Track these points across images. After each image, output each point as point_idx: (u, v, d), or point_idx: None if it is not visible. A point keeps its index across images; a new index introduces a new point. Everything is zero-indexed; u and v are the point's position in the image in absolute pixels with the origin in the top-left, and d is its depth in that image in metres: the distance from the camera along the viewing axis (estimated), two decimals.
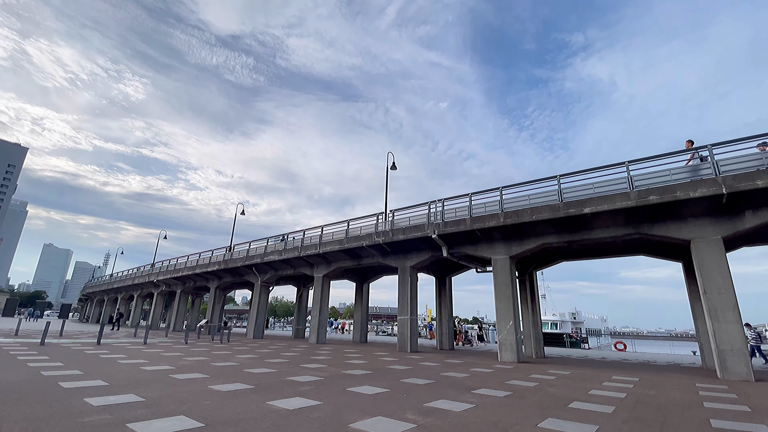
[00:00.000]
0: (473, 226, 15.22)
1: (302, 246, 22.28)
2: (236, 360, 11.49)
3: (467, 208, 15.96)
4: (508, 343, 14.39)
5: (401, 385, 7.85)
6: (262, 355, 13.21)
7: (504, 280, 15.09)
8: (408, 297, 18.01)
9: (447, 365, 12.14)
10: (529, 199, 14.62)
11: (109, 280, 48.25)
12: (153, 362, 10.16)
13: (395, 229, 17.86)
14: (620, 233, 13.41)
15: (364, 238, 19.05)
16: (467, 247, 16.46)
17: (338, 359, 12.86)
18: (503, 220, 14.53)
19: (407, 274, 18.34)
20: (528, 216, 13.99)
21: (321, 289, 22.15)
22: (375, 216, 19.46)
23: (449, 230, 15.88)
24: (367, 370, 10.01)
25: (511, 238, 15.24)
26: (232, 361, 11.24)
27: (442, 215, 16.51)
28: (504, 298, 14.89)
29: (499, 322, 14.80)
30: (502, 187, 15.35)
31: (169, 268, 34.42)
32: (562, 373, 11.03)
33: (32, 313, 61.67)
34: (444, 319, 21.01)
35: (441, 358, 14.61)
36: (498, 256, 15.49)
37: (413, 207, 18.11)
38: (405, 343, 17.48)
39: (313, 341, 21.52)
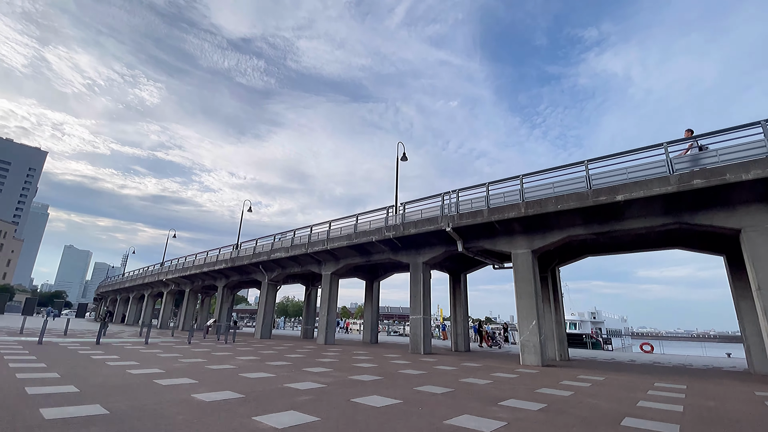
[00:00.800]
0: (491, 217, 14.05)
1: (309, 242, 21.37)
2: (235, 363, 10.59)
3: (484, 198, 14.79)
4: (531, 344, 13.18)
5: (415, 394, 6.79)
6: (263, 357, 12.29)
7: (525, 277, 13.87)
8: (420, 295, 16.92)
9: (465, 370, 11.02)
10: (554, 188, 13.38)
11: (121, 279, 48.34)
12: (144, 365, 9.32)
13: (406, 223, 16.78)
14: (657, 223, 12.09)
15: (374, 233, 18.03)
16: (484, 241, 15.28)
17: (345, 362, 11.86)
18: (524, 211, 13.33)
19: (419, 271, 17.25)
20: (552, 205, 12.76)
21: (329, 287, 21.21)
22: (385, 209, 18.42)
23: (464, 223, 14.73)
24: (377, 376, 8.97)
25: (533, 231, 14.01)
26: (229, 363, 10.34)
27: (457, 207, 15.37)
28: (526, 295, 13.68)
29: (520, 322, 13.60)
30: (523, 175, 14.14)
31: (178, 267, 34.02)
32: (595, 379, 9.81)
33: (50, 312, 62.72)
34: (459, 319, 19.83)
35: (457, 362, 13.48)
36: (519, 250, 14.27)
37: (425, 199, 17.01)
38: (418, 345, 16.39)
39: (320, 342, 20.59)
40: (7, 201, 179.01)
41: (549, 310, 17.18)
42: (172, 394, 5.91)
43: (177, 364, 9.67)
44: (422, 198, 17.14)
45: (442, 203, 16.02)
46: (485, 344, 24.83)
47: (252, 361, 11.17)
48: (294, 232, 23.22)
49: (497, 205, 14.20)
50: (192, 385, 6.84)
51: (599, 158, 12.86)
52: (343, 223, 20.34)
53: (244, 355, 12.66)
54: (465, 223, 14.73)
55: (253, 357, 12.23)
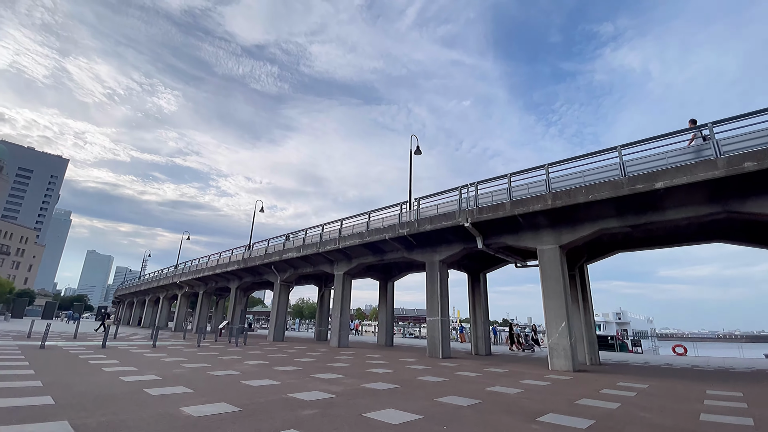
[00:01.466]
0: (514, 210, 13.01)
1: (321, 241, 20.63)
2: (240, 368, 9.84)
3: (506, 191, 13.76)
4: (561, 348, 12.07)
5: (437, 407, 5.87)
6: (272, 362, 11.53)
7: (553, 274, 12.78)
8: (438, 295, 15.95)
9: (490, 376, 10.01)
10: (583, 176, 12.26)
11: (137, 282, 48.69)
12: (141, 371, 8.65)
13: (421, 219, 15.85)
14: (701, 213, 10.88)
15: (387, 230, 17.16)
16: (506, 237, 14.23)
17: (359, 367, 11.00)
18: (551, 202, 12.25)
19: (436, 270, 16.28)
20: (583, 196, 11.66)
21: (342, 287, 20.42)
22: (398, 206, 17.53)
23: (485, 217, 13.73)
24: (393, 383, 8.07)
25: (561, 224, 12.91)
26: (234, 368, 9.59)
27: (476, 200, 14.37)
28: (554, 295, 12.59)
29: (548, 323, 12.51)
30: (549, 164, 13.06)
31: (191, 269, 33.81)
32: (638, 387, 8.69)
33: (71, 316, 63.77)
34: (479, 321, 18.76)
35: (480, 366, 12.46)
36: (545, 245, 13.19)
37: (441, 194, 16.05)
38: (436, 348, 15.41)
39: (334, 344, 19.79)
40: (30, 208, 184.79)
41: (577, 311, 15.97)
42: (157, 407, 5.15)
43: (177, 370, 8.97)
44: (438, 192, 16.19)
45: (459, 197, 15.05)
46: (516, 347, 23.44)
47: (259, 366, 10.42)
48: (305, 231, 22.54)
49: (521, 197, 13.15)
50: (185, 395, 6.07)
51: (634, 143, 11.70)
52: (355, 221, 19.54)
53: (252, 359, 11.93)
54: (485, 217, 13.72)
55: (261, 361, 11.48)
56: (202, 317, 32.74)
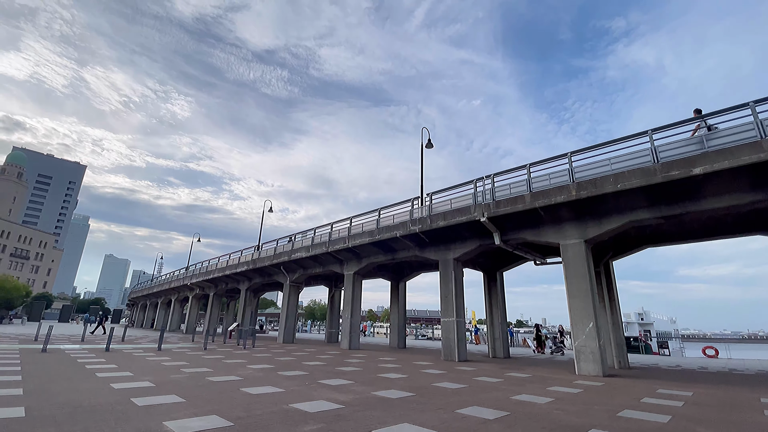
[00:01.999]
0: (534, 203, 12.12)
1: (330, 240, 19.99)
2: (243, 372, 9.20)
3: (525, 182, 12.88)
4: (589, 350, 11.13)
5: (459, 421, 5.09)
6: (278, 366, 10.88)
7: (578, 271, 11.85)
8: (452, 295, 15.11)
9: (513, 382, 9.16)
10: (611, 164, 11.32)
11: (149, 285, 48.90)
12: (136, 377, 8.07)
13: (434, 215, 15.06)
14: (744, 201, 9.86)
15: (398, 228, 16.40)
16: (526, 232, 13.34)
17: (370, 371, 10.26)
18: (576, 193, 11.34)
19: (450, 268, 15.46)
20: (610, 185, 10.73)
21: (352, 287, 19.73)
22: (409, 202, 16.77)
23: (502, 211, 12.86)
24: (407, 391, 7.31)
25: (587, 217, 11.98)
26: (236, 373, 8.95)
27: (492, 193, 13.52)
28: (580, 293, 11.65)
29: (574, 324, 11.58)
30: (571, 153, 12.15)
31: (201, 270, 33.59)
32: (683, 395, 7.74)
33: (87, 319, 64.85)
34: (496, 322, 17.83)
35: (500, 371, 11.59)
36: (569, 240, 12.26)
37: (455, 188, 15.22)
38: (451, 351, 14.57)
39: (344, 347, 19.10)
40: (50, 213, 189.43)
41: (603, 311, 14.94)
42: (138, 421, 4.49)
43: (175, 376, 8.37)
44: (451, 187, 15.37)
45: (474, 191, 14.21)
46: (540, 350, 22.20)
47: (263, 370, 9.76)
48: (314, 230, 21.94)
49: (542, 189, 12.26)
50: (174, 406, 5.42)
51: (665, 126, 10.74)
52: (365, 219, 18.84)
53: (258, 363, 11.29)
54: (503, 211, 12.86)
55: (266, 365, 10.83)
56: (212, 319, 32.45)
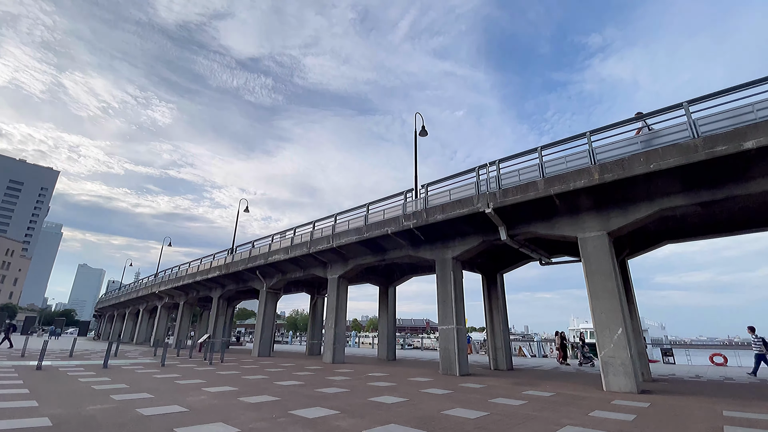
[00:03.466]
0: (549, 189, 10.43)
1: (312, 240, 17.90)
2: (192, 400, 7.03)
3: (537, 167, 11.21)
4: (619, 362, 9.37)
5: None
6: (244, 388, 8.71)
7: (602, 268, 10.15)
8: (451, 299, 13.24)
9: (540, 404, 7.27)
10: (640, 142, 9.75)
11: (116, 294, 45.39)
12: (41, 407, 5.82)
13: (430, 208, 13.23)
14: None
15: (389, 224, 14.50)
16: (538, 225, 11.63)
17: (359, 394, 8.22)
18: (598, 176, 9.70)
19: (448, 269, 13.60)
20: (641, 165, 9.12)
21: (336, 292, 17.63)
22: (402, 195, 14.91)
23: (511, 200, 11.12)
24: (413, 426, 5.32)
25: (610, 205, 10.34)
26: (183, 402, 6.78)
27: (498, 181, 11.80)
28: (604, 294, 9.94)
29: (600, 331, 9.83)
30: (591, 132, 10.55)
31: (171, 277, 30.81)
32: (754, 419, 6.00)
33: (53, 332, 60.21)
34: (498, 329, 15.99)
35: (514, 388, 9.70)
36: (588, 233, 10.58)
37: (454, 177, 13.48)
38: (451, 364, 12.64)
39: (327, 360, 16.91)
40: (20, 220, 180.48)
41: None
42: None
43: (95, 406, 6.15)
44: (450, 176, 13.61)
45: (477, 179, 12.47)
46: (564, 361, 19.98)
47: (222, 395, 7.61)
48: (294, 230, 19.81)
49: (557, 173, 10.60)
50: None
51: (705, 97, 9.24)
52: (351, 216, 16.88)
53: (219, 384, 9.09)
54: (512, 200, 11.12)
55: (228, 388, 8.65)
56: (182, 330, 29.64)
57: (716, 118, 8.99)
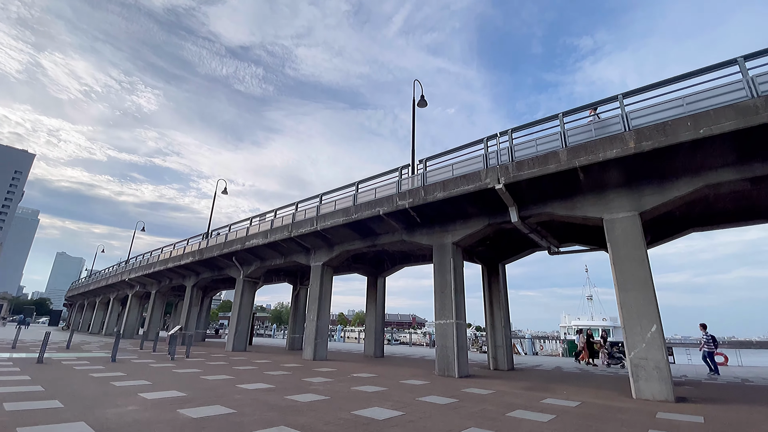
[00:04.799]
0: (573, 161, 8.82)
1: (293, 223, 16.04)
2: (125, 407, 5.20)
3: (558, 136, 9.59)
4: (652, 365, 7.86)
5: None
6: (198, 392, 6.91)
7: (632, 254, 8.61)
8: (450, 289, 11.60)
9: (566, 417, 5.66)
10: (684, 104, 8.18)
11: (86, 282, 42.65)
12: None
13: (429, 185, 11.52)
14: None
15: (381, 203, 12.76)
16: (555, 204, 10.02)
17: (341, 401, 6.51)
18: (635, 145, 8.12)
19: (448, 256, 11.94)
20: (688, 131, 7.57)
21: (320, 281, 15.84)
22: (396, 171, 13.16)
23: (526, 174, 9.48)
24: None
25: (643, 181, 8.78)
26: (107, 411, 4.95)
27: (511, 153, 10.15)
28: (635, 284, 8.41)
29: (629, 328, 8.30)
30: (624, 94, 8.96)
31: (142, 263, 28.51)
32: None
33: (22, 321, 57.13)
34: (498, 325, 14.45)
35: (527, 395, 8.12)
36: (616, 213, 9.02)
37: (458, 150, 11.77)
38: (449, 363, 11.01)
39: (308, 357, 15.14)
40: None
41: None
42: None
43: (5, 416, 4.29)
44: (453, 149, 11.90)
45: (485, 151, 10.80)
46: (591, 362, 18.28)
47: (162, 403, 5.80)
48: (275, 212, 17.90)
49: (583, 141, 8.99)
50: None
51: (763, 51, 7.71)
52: (339, 195, 15.07)
53: (164, 388, 7.26)
54: (527, 174, 9.48)
55: (176, 393, 6.83)
56: (153, 321, 27.44)
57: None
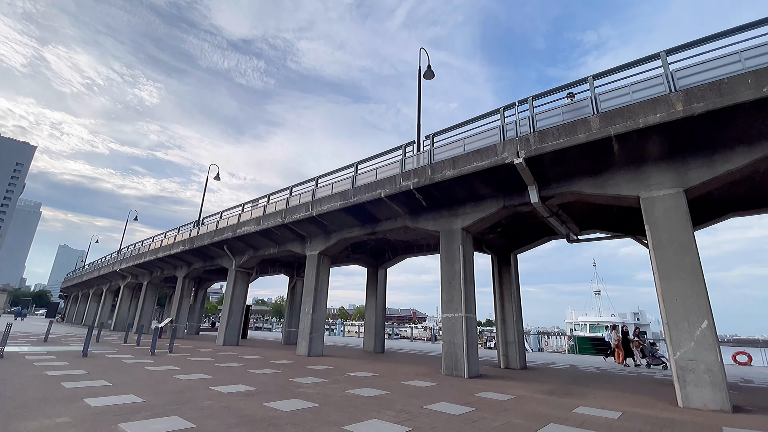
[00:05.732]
0: (608, 129, 7.55)
1: (287, 208, 14.82)
2: (53, 418, 4.01)
3: (588, 101, 8.29)
4: (703, 368, 6.63)
5: None
6: (160, 396, 5.73)
7: (677, 237, 7.36)
8: (459, 279, 10.37)
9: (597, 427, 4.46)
10: (742, 59, 6.88)
11: (79, 273, 41.67)
12: None
13: (437, 163, 10.26)
14: None
15: (383, 185, 11.51)
16: (582, 182, 8.76)
17: (332, 410, 5.31)
18: (683, 108, 6.84)
19: (456, 242, 10.70)
20: (749, 89, 6.34)
21: (316, 271, 14.65)
22: (400, 149, 11.88)
23: (551, 146, 8.21)
24: None
25: (688, 153, 7.50)
26: (30, 423, 3.77)
27: (532, 123, 8.87)
28: (681, 272, 7.17)
29: (673, 323, 7.07)
30: (667, 50, 7.65)
31: (133, 253, 27.39)
32: None
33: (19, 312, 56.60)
34: (509, 320, 13.23)
35: (553, 401, 6.91)
36: (657, 190, 7.75)
37: (470, 122, 10.47)
38: (457, 362, 9.81)
39: (302, 352, 13.99)
40: None
41: None
42: None
43: None
44: (463, 122, 10.61)
45: (502, 122, 9.52)
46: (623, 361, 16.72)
47: (104, 412, 4.62)
48: (268, 197, 16.67)
49: (621, 105, 7.71)
50: None
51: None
52: (336, 177, 13.82)
53: (121, 392, 6.09)
54: (551, 146, 8.21)
55: (132, 399, 5.65)
56: (145, 313, 26.37)
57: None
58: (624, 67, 8.17)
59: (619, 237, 11.93)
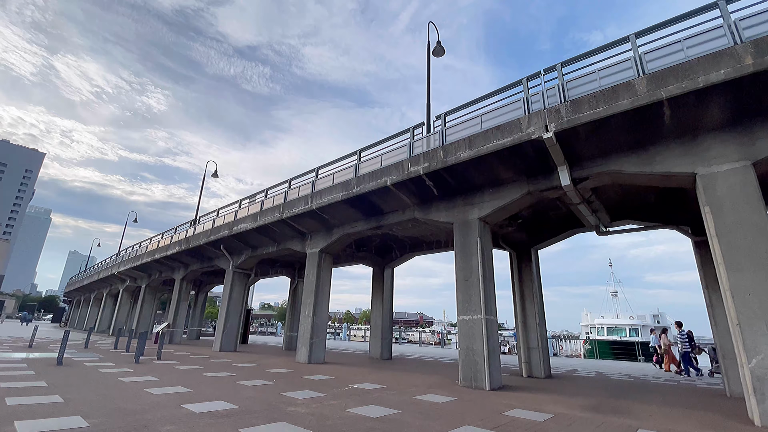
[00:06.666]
0: (658, 92, 6.31)
1: (285, 203, 13.70)
2: None
3: (632, 63, 7.05)
4: None
5: None
6: (126, 416, 4.59)
7: (746, 218, 6.07)
8: (478, 276, 9.11)
9: None
10: None
11: (80, 277, 40.99)
12: None
13: (450, 145, 9.06)
14: None
15: (389, 172, 10.33)
16: (622, 159, 7.48)
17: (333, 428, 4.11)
18: (754, 61, 5.61)
19: (474, 235, 9.46)
20: None
21: (317, 271, 13.47)
22: (408, 131, 10.71)
23: (587, 116, 6.98)
24: None
25: (757, 117, 6.22)
26: None
27: (562, 91, 7.65)
28: (753, 262, 5.87)
29: (744, 325, 5.76)
30: None
31: (131, 256, 26.48)
32: None
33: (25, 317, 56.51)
34: (532, 323, 11.91)
35: (599, 421, 5.64)
36: (718, 165, 6.47)
37: (488, 97, 9.27)
38: (477, 372, 8.54)
39: (302, 359, 12.79)
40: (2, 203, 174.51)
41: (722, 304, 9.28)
42: None
43: None
44: (480, 98, 9.41)
45: (526, 92, 8.30)
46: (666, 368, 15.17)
47: None
48: (266, 192, 15.57)
49: (670, 65, 6.46)
50: None
51: None
52: (338, 167, 12.66)
53: (70, 413, 4.96)
54: (587, 116, 6.97)
55: (79, 423, 4.51)
56: (143, 317, 25.40)
57: None
58: (673, 21, 6.92)
59: (655, 228, 10.60)
